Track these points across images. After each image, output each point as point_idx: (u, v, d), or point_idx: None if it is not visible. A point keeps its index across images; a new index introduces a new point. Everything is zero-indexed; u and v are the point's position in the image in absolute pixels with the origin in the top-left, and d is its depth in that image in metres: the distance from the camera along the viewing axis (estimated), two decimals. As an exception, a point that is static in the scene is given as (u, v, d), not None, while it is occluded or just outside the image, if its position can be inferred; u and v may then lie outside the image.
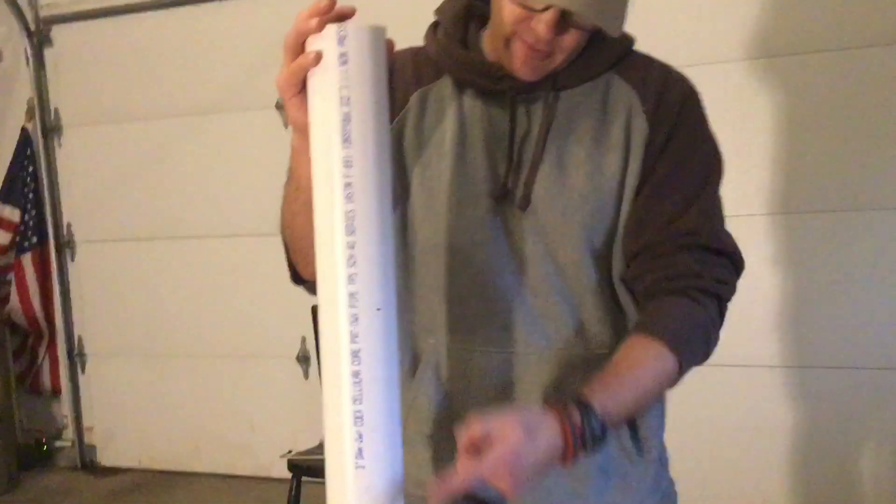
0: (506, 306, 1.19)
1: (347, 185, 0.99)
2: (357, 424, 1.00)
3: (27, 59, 4.36)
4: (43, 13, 4.35)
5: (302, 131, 1.00)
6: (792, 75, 3.27)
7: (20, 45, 4.38)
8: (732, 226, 3.36)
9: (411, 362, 1.26)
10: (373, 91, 0.99)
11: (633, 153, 1.16)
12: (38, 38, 4.35)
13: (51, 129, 4.42)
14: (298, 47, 0.98)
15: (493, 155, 1.20)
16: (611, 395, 1.04)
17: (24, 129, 4.39)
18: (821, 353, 3.33)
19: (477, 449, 0.94)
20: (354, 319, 1.00)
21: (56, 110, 4.42)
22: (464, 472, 0.94)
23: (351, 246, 0.99)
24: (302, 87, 0.98)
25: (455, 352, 1.22)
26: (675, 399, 3.45)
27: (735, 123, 3.30)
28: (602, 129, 1.18)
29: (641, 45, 1.26)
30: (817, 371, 3.34)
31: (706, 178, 1.20)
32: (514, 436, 0.93)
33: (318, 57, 0.96)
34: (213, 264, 4.22)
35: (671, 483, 1.30)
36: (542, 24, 1.07)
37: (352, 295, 0.99)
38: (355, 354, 1.00)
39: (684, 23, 3.33)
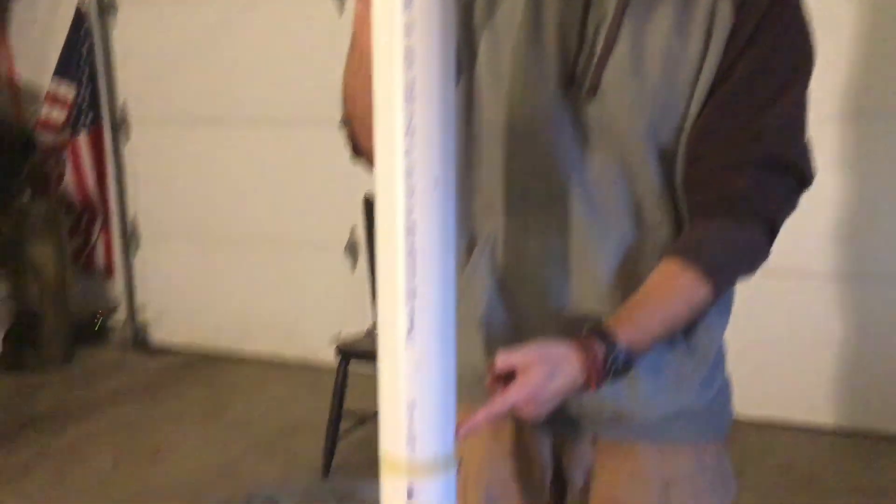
0: (565, 193, 1.15)
1: (408, 50, 0.94)
2: (410, 300, 0.98)
3: (82, -66, 4.29)
4: None
5: None
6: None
7: (76, -79, 4.31)
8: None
9: (468, 246, 1.23)
10: (439, -51, 0.93)
11: (713, 46, 1.07)
12: (94, -87, 4.27)
13: (106, 6, 4.37)
14: None
15: (564, 37, 1.13)
16: (638, 326, 1.05)
17: (78, 8, 4.35)
18: (879, 263, 3.24)
19: (503, 380, 1.00)
20: (410, 192, 0.96)
21: (111, -13, 4.37)
22: (489, 406, 1.01)
23: (410, 115, 0.94)
24: None
25: (512, 235, 1.18)
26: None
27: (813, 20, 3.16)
28: (683, 17, 1.08)
29: None
30: (874, 281, 3.26)
31: (789, 82, 1.09)
32: (537, 374, 0.99)
33: None
34: (268, 150, 4.21)
35: (726, 381, 1.27)
36: None
37: (408, 167, 0.95)
38: (410, 229, 0.97)
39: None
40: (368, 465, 3.22)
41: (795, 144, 1.10)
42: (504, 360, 1.00)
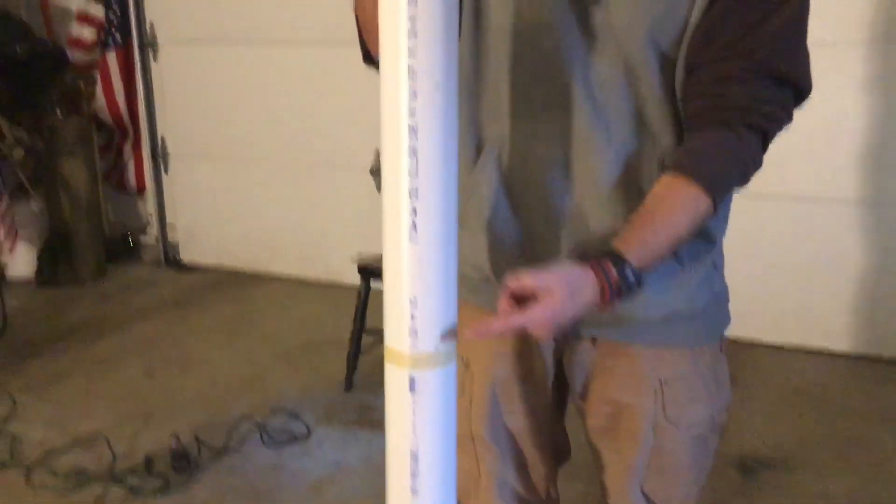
0: (570, 97, 1.17)
1: (411, -47, 0.96)
2: (412, 198, 1.02)
3: None
4: None
5: None
6: None
7: None
8: (825, 51, 3.22)
9: (475, 150, 1.26)
10: None
11: None
12: None
13: (133, -78, 4.37)
14: None
15: None
16: (645, 245, 1.07)
17: (106, -76, 4.35)
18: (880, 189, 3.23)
19: (520, 299, 1.01)
20: (413, 94, 0.99)
21: None
22: (505, 320, 1.02)
23: (412, 16, 0.97)
24: None
25: (517, 139, 1.21)
26: (744, 226, 3.42)
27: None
28: None
29: None
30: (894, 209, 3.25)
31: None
32: (558, 297, 1.00)
33: None
34: (294, 71, 4.22)
35: (723, 287, 1.30)
36: None
37: (410, 68, 0.98)
38: (412, 130, 1.00)
39: None
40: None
41: (791, 57, 1.11)
42: (522, 281, 1.01)
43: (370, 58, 1.20)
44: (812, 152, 3.25)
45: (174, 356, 3.48)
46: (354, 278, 3.19)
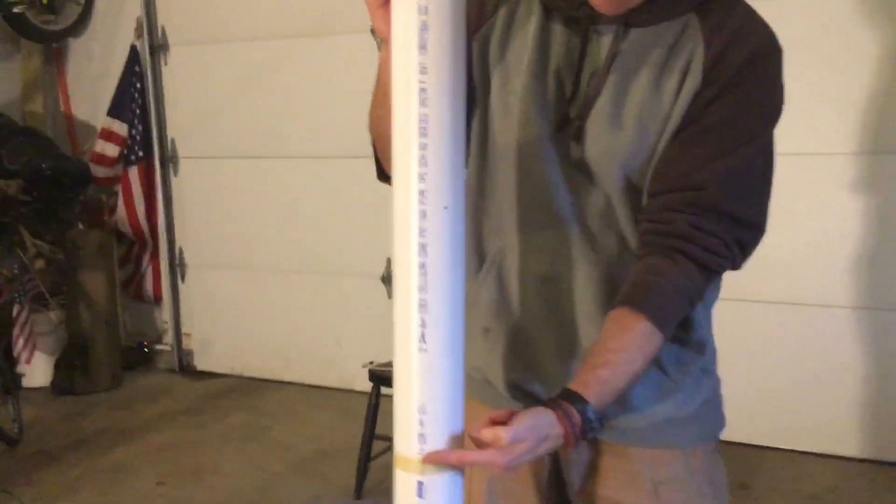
0: (563, 219, 1.25)
1: (422, 90, 1.06)
2: (421, 311, 1.09)
3: (137, -21, 4.53)
4: (152, -65, 4.51)
5: (387, 42, 1.07)
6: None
7: (130, -34, 4.55)
8: (821, 162, 3.33)
9: (478, 260, 1.34)
10: (450, 2, 1.05)
11: (680, 102, 1.15)
12: (147, -41, 4.51)
13: (158, 47, 4.60)
14: None
15: (562, 82, 1.23)
16: (605, 385, 1.12)
17: (132, 47, 4.59)
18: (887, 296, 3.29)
19: (484, 443, 1.08)
20: (423, 215, 1.08)
21: (163, 28, 4.60)
22: (467, 457, 1.10)
23: (423, 147, 1.06)
24: (387, 1, 1.05)
25: (516, 253, 1.29)
26: (749, 334, 3.48)
27: (835, 57, 3.25)
28: (662, 74, 1.17)
29: None
30: (894, 314, 3.30)
31: (743, 140, 1.15)
32: (525, 447, 1.07)
33: None
34: (307, 184, 4.37)
35: (713, 390, 1.35)
36: None
37: (421, 192, 1.07)
38: (423, 247, 1.08)
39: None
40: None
41: (739, 198, 1.16)
42: (493, 433, 1.06)
43: (384, 174, 1.29)
44: (813, 260, 3.33)
45: (187, 466, 3.50)
46: (366, 384, 3.23)
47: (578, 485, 1.36)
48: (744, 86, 1.14)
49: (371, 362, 3.17)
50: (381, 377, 3.08)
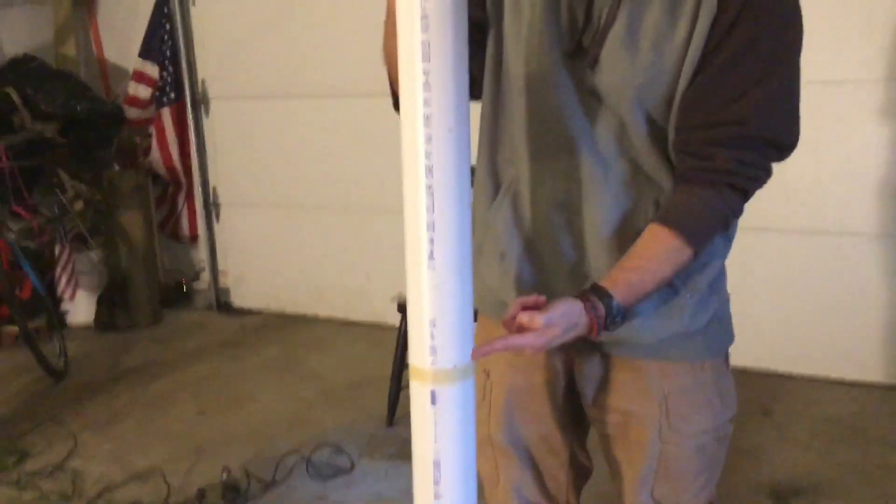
0: (575, 146, 1.30)
1: (423, 17, 1.11)
2: (429, 230, 1.15)
3: (163, -78, 4.55)
4: None
5: None
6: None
7: None
8: (847, 90, 3.32)
9: (494, 190, 1.40)
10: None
11: (699, 28, 1.18)
12: None
13: (186, -10, 4.63)
14: None
15: (574, 10, 1.27)
16: (631, 287, 1.22)
17: (160, -9, 4.63)
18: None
19: (520, 327, 1.17)
20: (428, 139, 1.13)
21: (190, -30, 4.63)
22: (506, 342, 1.18)
23: (426, 73, 1.11)
24: None
25: (529, 181, 1.35)
26: (774, 262, 3.50)
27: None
28: (675, 1, 1.20)
29: None
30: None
31: (775, 63, 1.20)
32: (557, 331, 1.17)
33: None
34: (335, 122, 4.41)
35: (722, 307, 1.40)
36: None
37: (426, 116, 1.12)
38: (429, 170, 1.14)
39: None
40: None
41: (779, 122, 1.22)
42: (538, 321, 1.16)
43: (398, 104, 1.34)
44: (836, 188, 3.33)
45: (225, 395, 3.64)
46: (396, 318, 3.32)
47: (592, 397, 1.43)
48: (760, 7, 1.17)
49: (400, 294, 3.25)
50: (409, 308, 3.16)
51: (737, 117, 1.19)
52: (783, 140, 1.23)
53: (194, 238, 4.99)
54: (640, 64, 1.22)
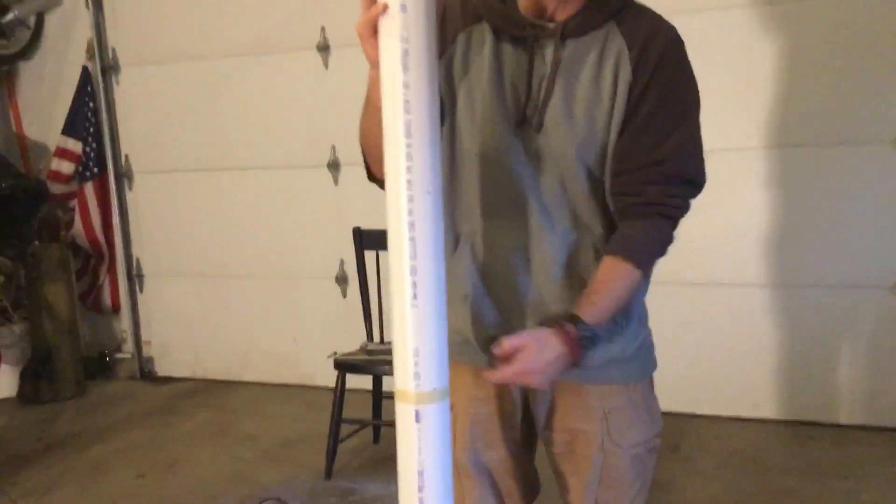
0: (523, 200, 1.57)
1: (406, 101, 1.36)
2: (412, 274, 1.39)
3: (87, 1, 4.73)
4: (101, -40, 4.72)
5: (375, 65, 1.37)
6: (790, 21, 3.59)
7: (80, -10, 4.75)
8: (730, 157, 3.76)
9: (454, 242, 1.64)
10: (425, 32, 1.35)
11: (619, 93, 1.46)
12: (97, -18, 4.72)
13: (109, 68, 4.82)
14: (372, 0, 1.34)
15: (516, 88, 1.54)
16: (597, 308, 1.48)
17: (84, 68, 4.79)
18: (805, 273, 3.70)
19: (507, 359, 1.42)
20: (410, 199, 1.38)
21: (113, 50, 4.82)
22: (499, 375, 1.43)
23: (409, 145, 1.36)
24: (375, 32, 1.35)
25: (485, 233, 1.60)
26: (675, 313, 3.86)
27: (738, 64, 3.65)
28: (598, 73, 1.48)
29: None
30: (801, 290, 3.72)
31: (682, 116, 1.50)
32: (529, 352, 1.41)
33: (386, 7, 1.33)
34: (258, 194, 4.62)
35: (647, 337, 1.68)
36: None
37: (408, 181, 1.37)
38: (411, 224, 1.38)
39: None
40: (366, 466, 3.75)
41: (691, 162, 1.53)
42: (502, 346, 1.40)
43: (372, 176, 1.59)
44: (726, 243, 3.73)
45: (161, 459, 3.72)
46: (326, 379, 3.50)
47: (544, 419, 1.67)
48: (668, 71, 1.49)
49: (335, 353, 3.45)
50: (345, 365, 3.36)
51: (658, 159, 1.49)
52: (696, 177, 1.53)
53: (116, 309, 5.06)
54: (578, 128, 1.50)
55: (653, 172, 1.50)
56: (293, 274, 4.60)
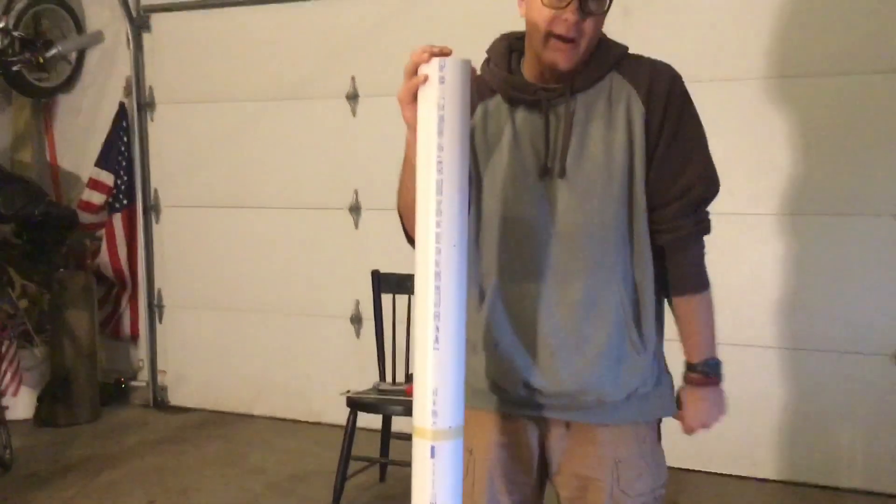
0: (546, 249, 1.67)
1: (439, 162, 1.50)
2: (436, 320, 1.52)
3: (128, 41, 4.95)
4: (143, 2, 4.93)
5: (413, 129, 1.51)
6: (803, 95, 3.75)
7: (122, 29, 4.97)
8: (745, 223, 3.89)
9: (479, 295, 1.74)
10: (460, 101, 1.49)
11: (635, 127, 1.63)
12: (139, 23, 4.94)
13: (145, 105, 5.01)
14: (414, 72, 1.48)
15: (536, 145, 1.67)
16: (701, 344, 1.76)
17: (121, 104, 4.99)
18: (812, 338, 3.80)
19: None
20: (438, 251, 1.51)
21: (150, 88, 5.01)
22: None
23: (439, 203, 1.50)
24: (414, 98, 1.49)
25: (511, 283, 1.70)
26: (679, 369, 3.92)
27: (752, 134, 3.79)
28: (609, 115, 1.64)
29: (673, 62, 1.74)
30: (804, 353, 3.82)
31: (697, 142, 1.70)
32: (705, 414, 1.81)
33: (426, 78, 1.47)
34: (280, 233, 4.77)
35: (667, 374, 1.79)
36: (569, 13, 1.55)
37: (437, 234, 1.51)
38: (437, 274, 1.51)
39: (711, 41, 3.81)
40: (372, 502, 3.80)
41: (711, 183, 1.72)
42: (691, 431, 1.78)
43: (409, 237, 1.70)
44: (736, 305, 3.84)
45: (173, 486, 3.82)
46: (335, 416, 3.59)
47: (557, 465, 1.77)
48: (676, 103, 1.66)
49: (348, 391, 3.56)
50: (358, 403, 3.47)
51: (685, 187, 1.68)
52: (713, 194, 1.72)
53: (135, 337, 5.19)
54: (597, 164, 1.64)
55: (683, 204, 1.69)
56: (309, 312, 4.73)
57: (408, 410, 2.89)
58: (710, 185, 1.71)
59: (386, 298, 3.65)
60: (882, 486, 3.72)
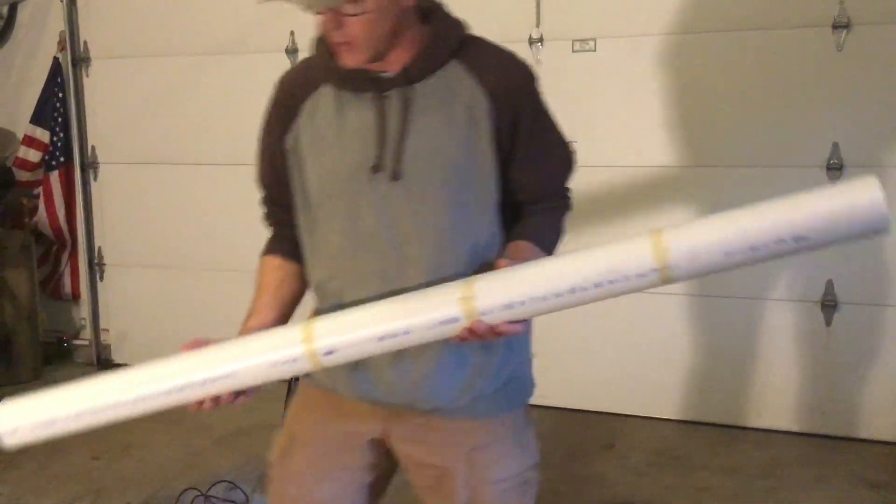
0: (382, 244, 1.55)
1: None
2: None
3: (60, -6, 4.84)
4: (75, -46, 4.83)
5: None
6: (729, 48, 3.82)
7: (54, -18, 4.85)
8: (655, 174, 3.96)
9: (314, 287, 1.72)
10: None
11: (480, 123, 1.51)
12: (71, -24, 4.83)
13: (80, 60, 4.91)
14: None
15: (365, 140, 1.53)
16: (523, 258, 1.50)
17: (55, 59, 4.88)
18: (736, 286, 3.93)
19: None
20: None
21: (85, 43, 4.92)
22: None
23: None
24: None
25: (341, 296, 1.62)
26: (608, 319, 4.07)
27: (678, 89, 3.87)
28: (448, 110, 1.51)
29: (585, 18, 1.70)
30: (732, 300, 3.95)
31: (556, 131, 1.64)
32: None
33: None
34: (220, 188, 4.74)
35: (522, 365, 1.69)
36: (327, 21, 1.46)
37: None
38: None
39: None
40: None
41: (571, 168, 1.67)
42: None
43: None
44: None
45: (116, 443, 3.84)
46: (281, 369, 3.62)
47: (405, 455, 1.68)
48: (529, 100, 1.57)
49: (289, 344, 3.59)
50: (299, 357, 3.50)
51: (550, 185, 1.65)
52: (572, 174, 1.68)
53: (76, 296, 5.16)
54: (431, 161, 1.51)
55: (549, 196, 1.66)
56: (252, 268, 4.70)
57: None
58: (571, 170, 1.68)
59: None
60: (808, 427, 3.87)
